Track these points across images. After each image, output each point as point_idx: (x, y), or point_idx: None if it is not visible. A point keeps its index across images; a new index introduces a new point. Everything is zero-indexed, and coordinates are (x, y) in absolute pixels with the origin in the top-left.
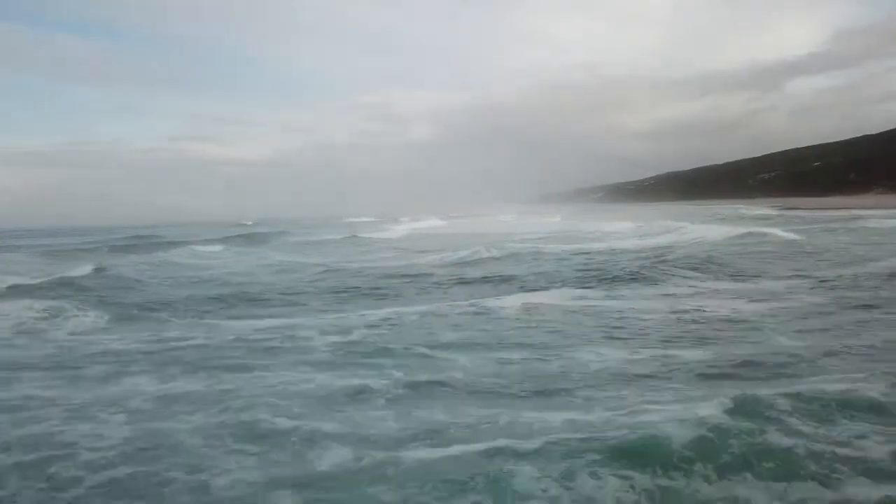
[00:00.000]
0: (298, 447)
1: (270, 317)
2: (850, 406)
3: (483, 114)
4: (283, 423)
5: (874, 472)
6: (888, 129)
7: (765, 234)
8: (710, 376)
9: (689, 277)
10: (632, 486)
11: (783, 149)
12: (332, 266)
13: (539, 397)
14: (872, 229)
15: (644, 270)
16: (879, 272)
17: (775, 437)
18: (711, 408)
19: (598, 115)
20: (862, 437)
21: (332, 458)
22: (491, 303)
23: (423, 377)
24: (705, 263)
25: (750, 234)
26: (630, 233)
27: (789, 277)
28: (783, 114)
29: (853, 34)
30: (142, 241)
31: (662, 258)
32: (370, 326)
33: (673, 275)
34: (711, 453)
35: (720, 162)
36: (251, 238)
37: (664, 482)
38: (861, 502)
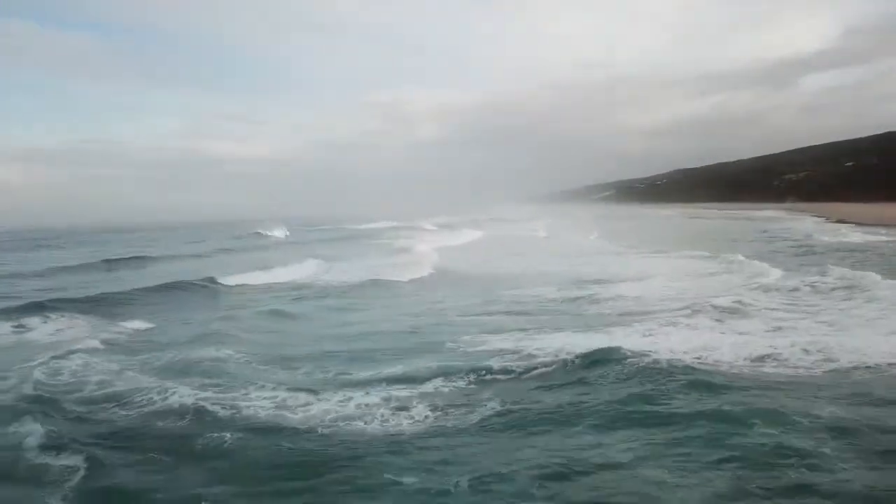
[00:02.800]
0: None
1: None
2: None
3: (492, 112)
4: None
5: None
6: None
7: None
8: None
9: None
10: None
11: (795, 147)
12: None
13: None
14: None
15: None
16: None
17: None
18: None
19: (607, 113)
20: None
21: None
22: None
23: None
24: None
25: None
26: None
27: None
28: (794, 111)
29: (865, 30)
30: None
31: None
32: None
33: None
34: None
35: (732, 159)
36: (209, 293)
37: None
38: None
